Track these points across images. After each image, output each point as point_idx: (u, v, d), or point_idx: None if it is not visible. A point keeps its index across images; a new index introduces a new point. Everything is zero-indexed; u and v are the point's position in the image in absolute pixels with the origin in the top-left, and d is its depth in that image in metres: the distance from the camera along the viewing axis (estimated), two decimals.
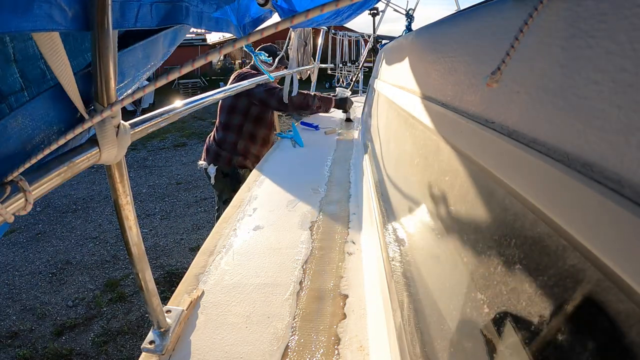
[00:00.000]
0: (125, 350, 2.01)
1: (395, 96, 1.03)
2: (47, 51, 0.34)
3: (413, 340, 0.50)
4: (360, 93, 4.54)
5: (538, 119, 0.30)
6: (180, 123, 7.50)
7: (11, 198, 0.33)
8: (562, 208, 0.25)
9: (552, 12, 0.30)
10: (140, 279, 0.62)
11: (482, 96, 0.42)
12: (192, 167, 5.04)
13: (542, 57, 0.31)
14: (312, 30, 3.18)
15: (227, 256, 0.96)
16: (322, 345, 0.68)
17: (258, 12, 0.99)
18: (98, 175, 4.70)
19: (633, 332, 0.19)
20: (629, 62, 0.21)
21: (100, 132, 0.43)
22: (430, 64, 0.68)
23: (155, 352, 0.65)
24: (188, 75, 13.77)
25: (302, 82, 3.14)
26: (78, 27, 0.36)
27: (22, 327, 2.18)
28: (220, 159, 2.07)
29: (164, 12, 0.51)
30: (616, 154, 0.21)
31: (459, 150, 0.46)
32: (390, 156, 1.04)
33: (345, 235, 1.07)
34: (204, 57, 0.32)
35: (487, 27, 0.44)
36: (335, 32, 4.99)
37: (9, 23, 0.27)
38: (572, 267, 0.24)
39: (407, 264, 0.64)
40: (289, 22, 0.31)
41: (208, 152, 2.13)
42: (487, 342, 0.33)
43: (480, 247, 0.37)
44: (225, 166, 2.08)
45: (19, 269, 2.77)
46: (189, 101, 0.85)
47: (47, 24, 0.31)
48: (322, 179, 1.52)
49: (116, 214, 0.57)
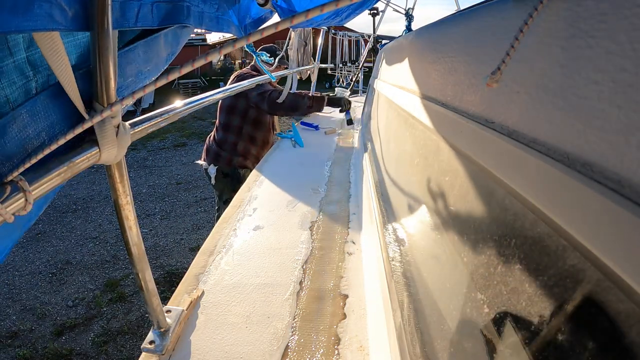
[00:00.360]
0: (125, 350, 2.01)
1: (395, 96, 1.03)
2: (47, 51, 0.34)
3: (413, 340, 0.50)
4: (360, 93, 4.54)
5: (538, 119, 0.30)
6: (180, 123, 7.49)
7: (11, 198, 0.33)
8: (562, 208, 0.25)
9: (552, 12, 0.30)
10: (140, 279, 0.62)
11: (482, 96, 0.42)
12: (192, 167, 5.04)
13: (542, 57, 0.31)
14: (312, 30, 3.18)
15: (227, 256, 0.96)
16: (322, 345, 0.68)
17: (259, 12, 0.99)
18: (98, 175, 4.70)
19: (633, 332, 0.19)
20: (629, 62, 0.21)
21: (100, 132, 0.43)
22: (430, 64, 0.68)
23: (155, 352, 0.65)
24: (188, 75, 13.76)
25: (302, 82, 3.15)
26: (78, 27, 0.36)
27: (22, 327, 2.18)
28: (221, 159, 2.07)
29: (165, 11, 0.51)
30: (616, 154, 0.21)
31: (459, 150, 0.46)
32: (390, 156, 1.04)
33: (345, 235, 1.07)
34: (204, 57, 0.32)
35: (487, 27, 0.44)
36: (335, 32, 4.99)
37: (9, 23, 0.27)
38: (572, 267, 0.24)
39: (407, 264, 0.64)
40: (289, 22, 0.31)
41: (208, 152, 2.13)
42: (487, 342, 0.33)
43: (480, 247, 0.37)
44: (225, 166, 2.08)
45: (19, 269, 2.77)
46: (189, 101, 0.85)
47: (47, 24, 0.31)
48: (322, 179, 1.52)
49: (116, 214, 0.57)
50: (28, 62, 0.36)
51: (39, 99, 0.37)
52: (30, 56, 0.36)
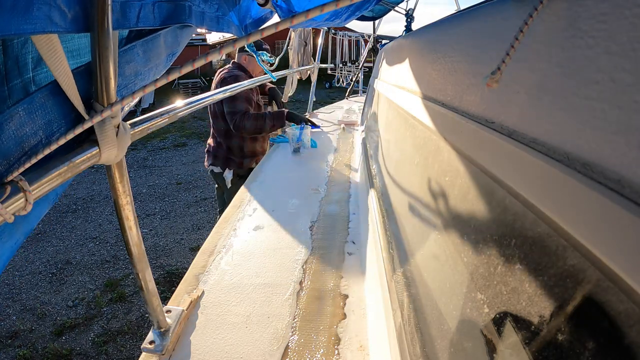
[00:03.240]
0: (125, 350, 2.01)
1: (395, 96, 1.03)
2: (46, 52, 0.34)
3: (413, 340, 0.50)
4: (360, 93, 4.54)
5: (538, 119, 0.30)
6: (180, 123, 7.49)
7: (11, 198, 0.33)
8: (562, 208, 0.25)
9: (552, 12, 0.30)
10: (140, 279, 0.62)
11: (482, 96, 0.42)
12: (192, 167, 5.04)
13: (542, 57, 0.31)
14: (312, 30, 3.17)
15: (227, 256, 0.96)
16: (322, 345, 0.68)
17: (259, 12, 0.99)
18: (98, 175, 4.70)
19: (633, 332, 0.19)
20: (629, 62, 0.21)
21: (100, 132, 0.43)
22: (430, 64, 0.68)
23: (155, 352, 0.65)
24: (188, 75, 13.75)
25: (302, 82, 3.15)
26: (78, 29, 0.36)
27: (22, 327, 2.18)
28: (233, 164, 2.09)
29: (167, 11, 0.51)
30: (616, 154, 0.21)
31: (459, 150, 0.46)
32: (390, 156, 1.04)
33: (345, 235, 1.07)
34: (204, 57, 0.32)
35: (487, 27, 0.44)
36: (335, 32, 4.99)
37: (8, 25, 0.27)
38: (572, 267, 0.24)
39: (407, 264, 0.64)
40: (289, 22, 0.31)
41: (216, 158, 2.11)
42: (487, 342, 0.33)
43: (480, 247, 0.37)
44: (239, 169, 2.10)
45: (19, 269, 2.77)
46: (189, 101, 0.85)
47: (46, 26, 0.31)
48: (322, 179, 1.52)
49: (116, 214, 0.57)
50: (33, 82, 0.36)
51: (40, 98, 0.37)
52: (36, 76, 0.36)
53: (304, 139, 1.90)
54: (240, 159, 2.09)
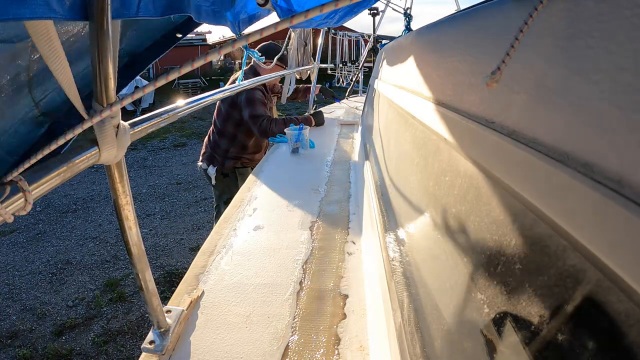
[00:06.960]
0: (125, 350, 2.01)
1: (395, 96, 1.03)
2: (46, 52, 0.33)
3: (413, 340, 0.50)
4: (360, 93, 4.53)
5: (538, 119, 0.30)
6: (180, 123, 7.49)
7: (11, 198, 0.33)
8: (562, 208, 0.25)
9: (552, 12, 0.30)
10: (140, 279, 0.62)
11: (482, 96, 0.42)
12: (192, 167, 5.04)
13: (542, 57, 0.31)
14: (312, 30, 3.17)
15: (227, 256, 0.96)
16: (322, 345, 0.68)
17: (254, 9, 0.99)
18: (98, 175, 4.70)
19: (633, 332, 0.19)
20: (629, 62, 0.21)
21: (100, 132, 0.43)
22: (430, 64, 0.68)
23: (155, 352, 0.65)
24: (188, 75, 13.76)
25: (302, 82, 3.14)
26: (76, 16, 0.35)
27: (22, 327, 2.18)
28: (216, 162, 2.16)
29: (167, 1, 0.50)
30: (616, 154, 0.21)
31: (459, 150, 0.46)
32: (390, 156, 1.03)
33: (345, 235, 1.07)
34: (204, 57, 0.32)
35: (487, 27, 0.44)
36: (335, 32, 4.98)
37: (6, 10, 0.27)
38: (572, 267, 0.24)
39: (407, 264, 0.64)
40: (289, 22, 0.31)
41: (204, 154, 2.22)
42: (487, 342, 0.33)
43: (480, 247, 0.37)
44: (222, 168, 2.14)
45: (19, 269, 2.77)
46: (189, 101, 0.85)
47: (44, 12, 0.30)
48: (322, 179, 1.52)
49: (116, 214, 0.57)
50: None
51: None
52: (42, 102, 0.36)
53: (302, 139, 1.90)
54: (222, 159, 2.15)
